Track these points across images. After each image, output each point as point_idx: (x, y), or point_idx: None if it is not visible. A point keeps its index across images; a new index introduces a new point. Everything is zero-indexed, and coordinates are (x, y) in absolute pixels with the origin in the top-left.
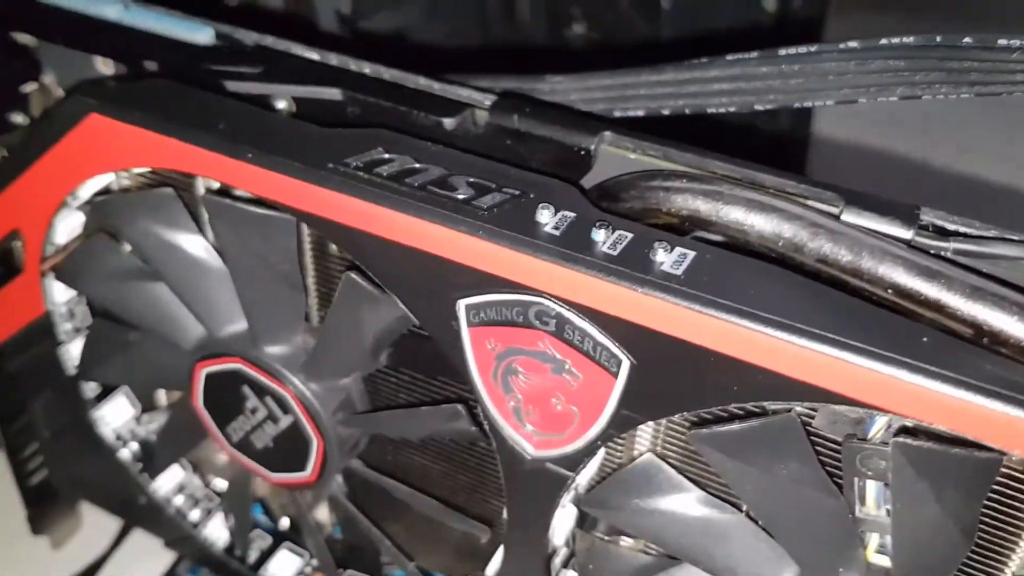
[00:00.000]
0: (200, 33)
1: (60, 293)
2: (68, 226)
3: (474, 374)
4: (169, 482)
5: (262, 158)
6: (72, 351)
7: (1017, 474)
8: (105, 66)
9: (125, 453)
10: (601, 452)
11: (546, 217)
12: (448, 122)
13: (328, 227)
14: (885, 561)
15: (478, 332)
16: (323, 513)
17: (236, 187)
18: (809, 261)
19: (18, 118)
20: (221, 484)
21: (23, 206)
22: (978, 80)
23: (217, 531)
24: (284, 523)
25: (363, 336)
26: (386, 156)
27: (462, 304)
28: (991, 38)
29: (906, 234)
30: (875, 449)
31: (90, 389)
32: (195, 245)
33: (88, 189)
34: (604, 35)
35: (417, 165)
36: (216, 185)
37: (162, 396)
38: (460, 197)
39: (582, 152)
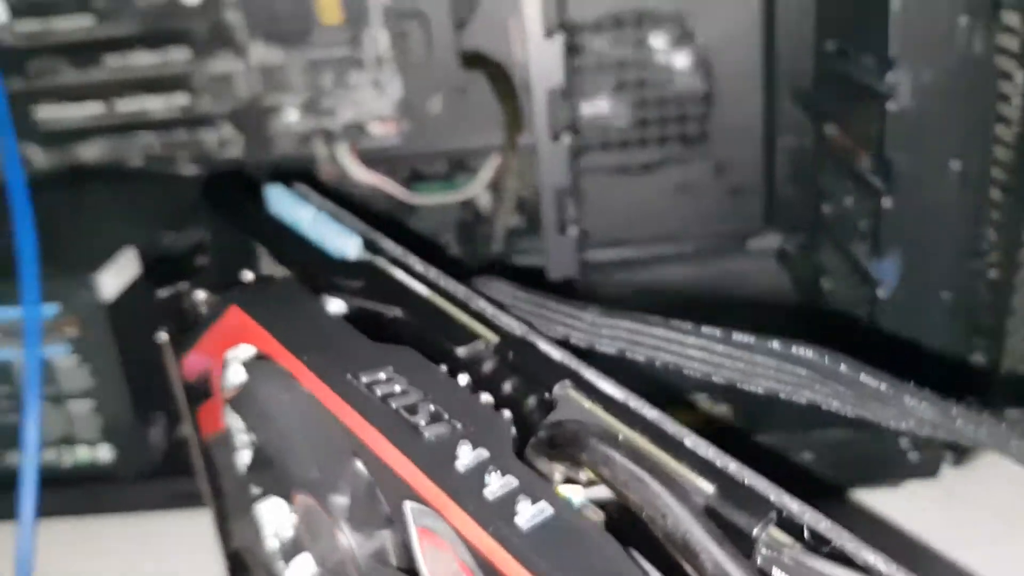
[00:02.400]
0: (350, 241)
1: (232, 418)
2: (233, 373)
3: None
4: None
5: (311, 360)
6: (243, 458)
7: None
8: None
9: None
10: None
11: (464, 453)
12: (460, 350)
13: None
14: None
15: (422, 532)
16: None
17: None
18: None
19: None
20: None
21: (207, 355)
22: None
23: None
24: None
25: None
26: (383, 376)
27: (407, 505)
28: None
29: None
30: None
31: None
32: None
33: (240, 352)
34: None
35: (405, 388)
36: None
37: None
38: (415, 422)
39: (547, 395)
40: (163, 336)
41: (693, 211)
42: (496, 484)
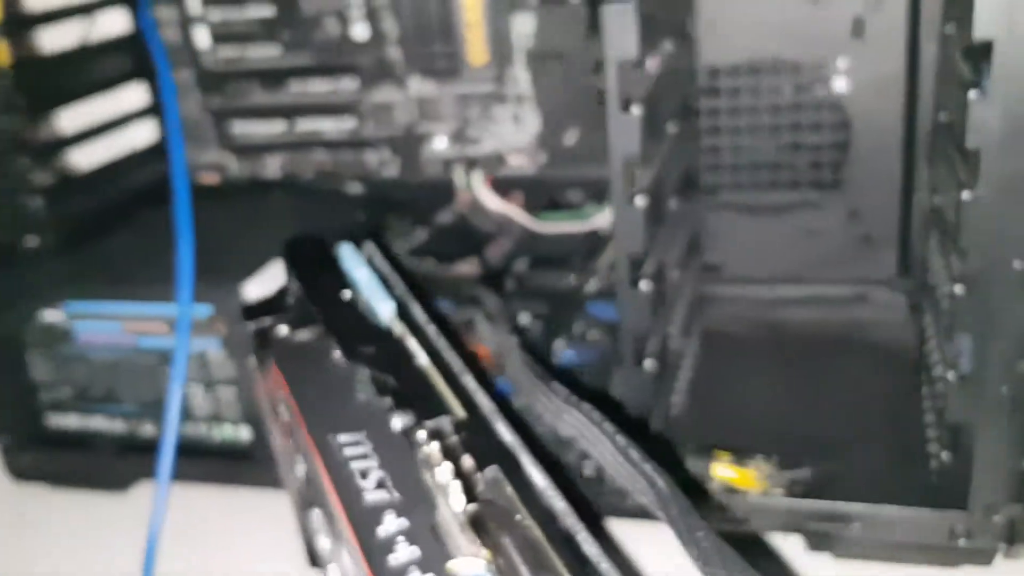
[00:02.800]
0: (385, 306)
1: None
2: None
3: None
4: None
5: (308, 418)
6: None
7: None
8: None
9: None
10: None
11: (389, 520)
12: (429, 423)
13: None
14: None
15: None
16: None
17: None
18: None
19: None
20: None
21: (268, 392)
22: None
23: None
24: None
25: None
26: (354, 439)
27: (344, 551)
28: None
29: None
30: None
31: None
32: None
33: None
34: None
35: (369, 450)
36: None
37: None
38: (361, 486)
39: (483, 474)
40: (252, 361)
41: (823, 256)
42: (403, 553)
